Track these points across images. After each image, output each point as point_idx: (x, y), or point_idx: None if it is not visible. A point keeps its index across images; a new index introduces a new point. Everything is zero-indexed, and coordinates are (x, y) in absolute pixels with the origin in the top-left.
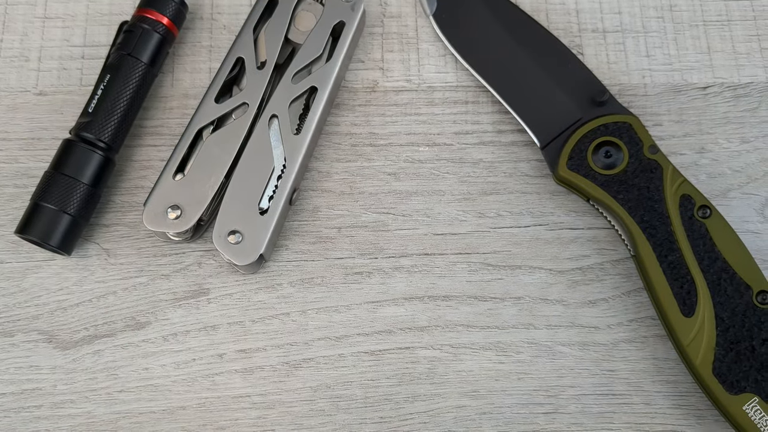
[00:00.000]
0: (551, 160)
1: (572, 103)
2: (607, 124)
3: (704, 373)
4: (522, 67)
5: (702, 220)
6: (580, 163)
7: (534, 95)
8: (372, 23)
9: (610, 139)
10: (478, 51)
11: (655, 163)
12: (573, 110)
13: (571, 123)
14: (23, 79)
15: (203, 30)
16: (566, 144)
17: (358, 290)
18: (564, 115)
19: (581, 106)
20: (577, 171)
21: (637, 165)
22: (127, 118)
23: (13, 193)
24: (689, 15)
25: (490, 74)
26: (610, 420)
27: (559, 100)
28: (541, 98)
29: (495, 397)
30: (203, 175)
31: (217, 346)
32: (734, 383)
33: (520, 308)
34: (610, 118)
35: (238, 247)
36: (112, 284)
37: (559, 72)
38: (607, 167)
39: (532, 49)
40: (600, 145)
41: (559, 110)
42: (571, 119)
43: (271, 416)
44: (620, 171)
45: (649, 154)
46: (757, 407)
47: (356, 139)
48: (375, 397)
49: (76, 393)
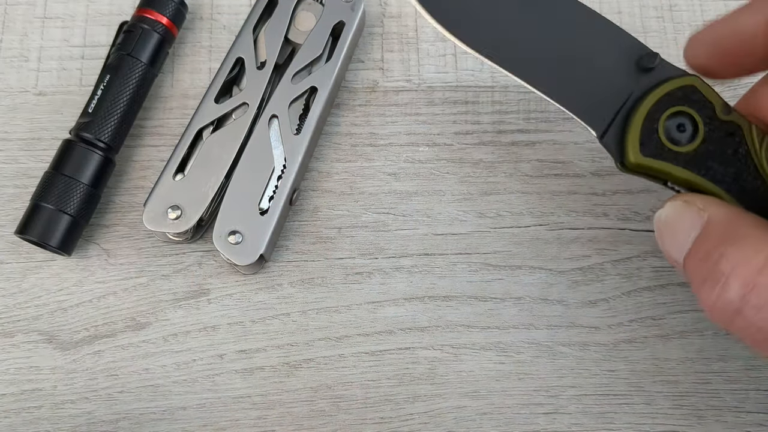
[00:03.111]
0: (616, 149)
1: (619, 75)
2: (670, 92)
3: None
4: (547, 42)
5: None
6: (653, 145)
7: (571, 74)
8: (372, 23)
9: (680, 109)
10: (488, 34)
11: (733, 125)
12: (623, 84)
13: (624, 100)
14: (23, 80)
15: (203, 30)
16: (631, 126)
17: (359, 290)
18: (614, 92)
19: (630, 77)
20: (653, 156)
21: (715, 131)
22: (127, 119)
23: (13, 193)
24: (689, 15)
25: (510, 59)
26: (611, 420)
27: (602, 74)
28: (581, 76)
29: (495, 398)
30: (203, 175)
31: (217, 347)
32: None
33: (520, 308)
34: (670, 84)
35: (238, 247)
36: (113, 285)
37: (592, 38)
38: (683, 142)
39: (551, 17)
40: (668, 119)
41: (605, 87)
42: (623, 95)
43: (272, 417)
44: (700, 143)
45: (724, 116)
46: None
47: (356, 139)
48: (375, 398)
49: (76, 393)
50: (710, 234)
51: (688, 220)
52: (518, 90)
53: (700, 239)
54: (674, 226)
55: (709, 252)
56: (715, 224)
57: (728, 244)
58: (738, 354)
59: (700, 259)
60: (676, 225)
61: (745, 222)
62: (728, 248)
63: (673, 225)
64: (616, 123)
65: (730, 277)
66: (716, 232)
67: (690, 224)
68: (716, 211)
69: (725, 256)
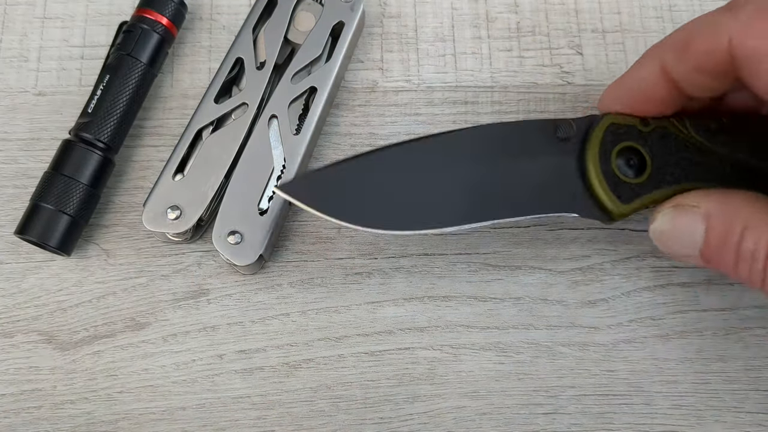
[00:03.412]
0: (600, 214)
1: (552, 156)
2: (602, 141)
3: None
4: (470, 180)
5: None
6: (624, 189)
7: (513, 188)
8: (371, 23)
9: (620, 148)
10: (417, 213)
11: (658, 129)
12: (560, 161)
13: (573, 172)
14: (22, 80)
15: (203, 30)
16: (596, 189)
17: (358, 291)
18: (560, 172)
19: (563, 151)
20: (630, 198)
21: (651, 143)
22: (126, 119)
23: (13, 193)
24: (689, 15)
25: (449, 219)
26: (610, 420)
27: (538, 165)
28: (524, 182)
29: (495, 398)
30: (203, 176)
31: (216, 347)
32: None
33: (520, 308)
34: (597, 135)
35: (237, 247)
36: (112, 285)
37: (505, 145)
38: (640, 170)
39: (456, 161)
40: (617, 159)
41: (550, 173)
42: (570, 169)
43: (271, 417)
44: (651, 161)
45: (647, 128)
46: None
47: (356, 139)
48: (375, 398)
49: (75, 394)
50: (717, 224)
51: (686, 220)
52: (518, 90)
53: (711, 231)
54: (675, 231)
55: (725, 238)
56: (716, 214)
57: (739, 225)
58: (737, 354)
59: (720, 248)
60: (677, 230)
61: (738, 201)
62: (741, 229)
63: (674, 231)
64: (582, 194)
65: (758, 251)
66: (721, 220)
67: (690, 223)
68: (707, 203)
69: (744, 236)
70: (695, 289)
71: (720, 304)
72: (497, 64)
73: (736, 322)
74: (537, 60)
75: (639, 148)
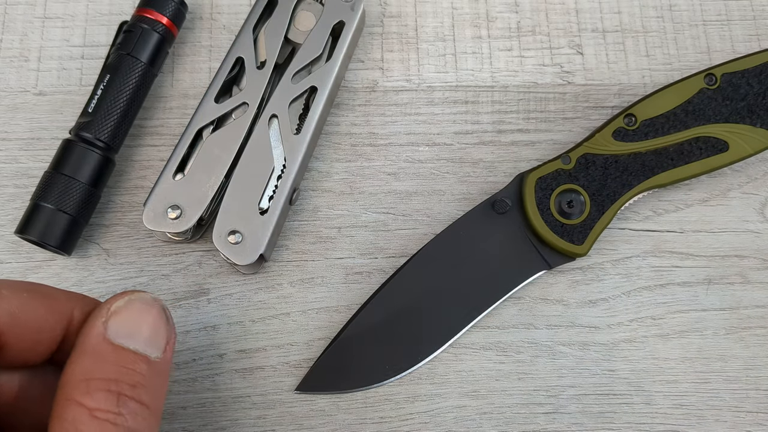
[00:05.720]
0: (567, 258)
1: (504, 229)
2: (536, 199)
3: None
4: (440, 296)
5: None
6: (574, 232)
7: (487, 274)
8: (372, 23)
9: (558, 193)
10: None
11: (583, 156)
12: (510, 230)
13: (524, 238)
14: (23, 79)
15: (203, 30)
16: (552, 242)
17: (359, 290)
18: (513, 240)
19: (506, 221)
20: (582, 240)
21: (579, 175)
22: (126, 118)
23: (13, 193)
24: (689, 15)
25: (435, 342)
26: (611, 420)
27: (491, 243)
28: (487, 266)
29: (495, 397)
30: (203, 175)
31: (217, 346)
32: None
33: (520, 308)
34: (529, 196)
35: (238, 247)
36: (112, 284)
37: (449, 248)
38: (580, 204)
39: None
40: (556, 205)
41: (505, 245)
42: (520, 235)
43: (272, 416)
44: (589, 195)
45: (566, 165)
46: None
47: (356, 139)
48: (375, 397)
49: None
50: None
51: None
52: (518, 90)
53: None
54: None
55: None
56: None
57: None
58: (737, 354)
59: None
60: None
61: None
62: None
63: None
64: (543, 249)
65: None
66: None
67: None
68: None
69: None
70: (695, 289)
71: (720, 303)
72: (497, 64)
73: (736, 322)
74: (537, 60)
75: (572, 187)
